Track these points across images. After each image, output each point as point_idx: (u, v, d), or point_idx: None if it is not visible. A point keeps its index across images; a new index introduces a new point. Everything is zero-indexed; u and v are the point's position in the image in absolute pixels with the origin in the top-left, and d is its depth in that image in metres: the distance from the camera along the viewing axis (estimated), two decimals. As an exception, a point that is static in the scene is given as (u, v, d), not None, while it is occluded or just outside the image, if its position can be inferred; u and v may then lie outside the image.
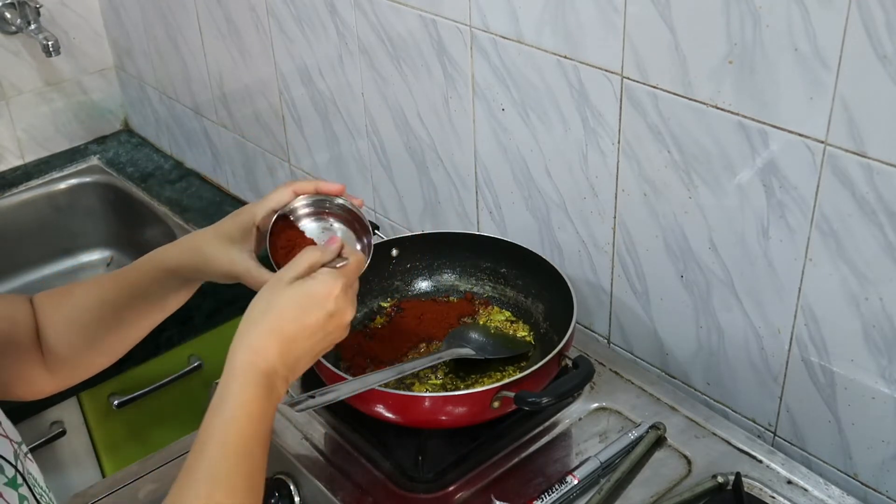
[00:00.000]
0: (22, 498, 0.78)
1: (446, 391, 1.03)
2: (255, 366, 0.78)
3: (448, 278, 1.21)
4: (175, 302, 1.01)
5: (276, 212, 0.92)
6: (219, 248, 0.94)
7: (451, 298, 1.19)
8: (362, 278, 1.17)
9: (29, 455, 0.85)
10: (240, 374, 0.78)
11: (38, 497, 0.81)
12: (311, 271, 0.84)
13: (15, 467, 0.79)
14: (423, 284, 1.21)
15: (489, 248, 1.18)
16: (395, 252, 1.19)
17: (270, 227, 0.91)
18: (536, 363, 0.97)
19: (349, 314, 0.85)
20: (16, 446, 0.82)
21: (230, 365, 0.79)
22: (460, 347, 1.05)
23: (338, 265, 0.86)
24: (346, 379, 0.95)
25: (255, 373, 0.78)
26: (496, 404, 0.93)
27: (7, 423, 0.83)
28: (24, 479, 0.80)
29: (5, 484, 0.76)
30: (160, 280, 0.98)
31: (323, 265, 0.86)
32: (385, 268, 1.19)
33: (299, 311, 0.81)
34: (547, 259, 1.12)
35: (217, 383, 0.79)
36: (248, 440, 0.76)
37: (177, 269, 0.97)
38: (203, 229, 0.97)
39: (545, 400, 0.92)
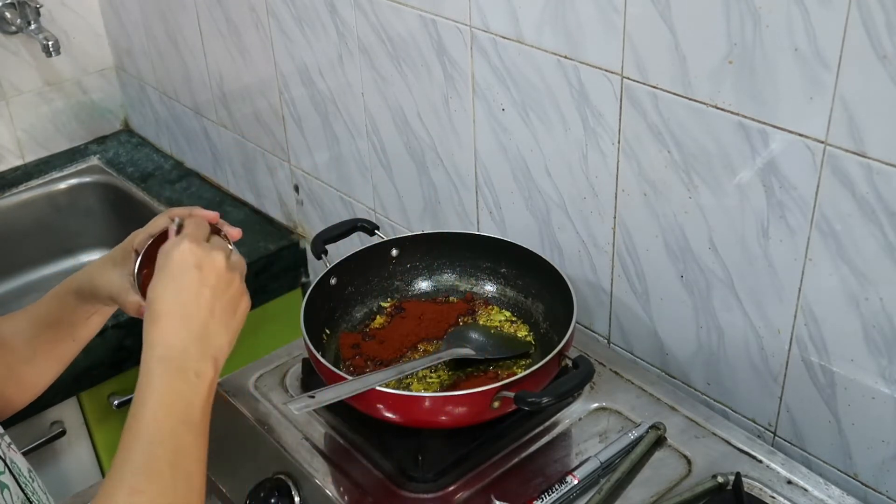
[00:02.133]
0: (2, 486, 0.79)
1: (446, 391, 1.03)
2: (158, 356, 0.78)
3: (448, 278, 1.21)
4: (85, 331, 1.04)
5: (152, 236, 0.93)
6: (103, 271, 0.97)
7: (451, 298, 1.19)
8: (362, 278, 1.18)
9: (13, 446, 0.86)
10: (147, 370, 0.77)
11: (22, 486, 0.82)
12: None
13: None
14: (424, 284, 1.21)
15: (489, 248, 1.18)
16: (395, 252, 1.19)
17: (143, 251, 0.93)
18: (537, 363, 0.97)
19: (216, 256, 0.82)
20: None
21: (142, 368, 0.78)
22: (460, 347, 1.05)
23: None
24: (346, 379, 0.95)
25: (157, 363, 0.77)
26: (496, 404, 0.93)
27: None
28: (8, 468, 0.81)
29: None
30: (68, 305, 1.01)
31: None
32: (385, 268, 1.19)
33: (168, 281, 0.80)
34: (546, 259, 1.12)
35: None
36: (163, 427, 0.75)
37: (78, 290, 1.00)
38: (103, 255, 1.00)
39: (545, 400, 0.92)
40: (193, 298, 0.80)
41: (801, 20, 0.84)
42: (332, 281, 1.13)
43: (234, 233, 0.93)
